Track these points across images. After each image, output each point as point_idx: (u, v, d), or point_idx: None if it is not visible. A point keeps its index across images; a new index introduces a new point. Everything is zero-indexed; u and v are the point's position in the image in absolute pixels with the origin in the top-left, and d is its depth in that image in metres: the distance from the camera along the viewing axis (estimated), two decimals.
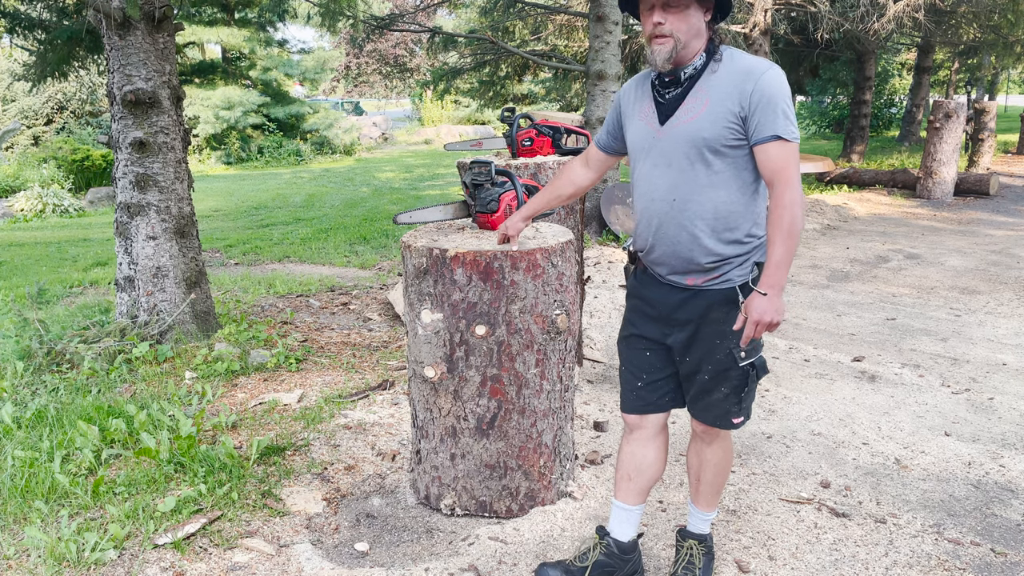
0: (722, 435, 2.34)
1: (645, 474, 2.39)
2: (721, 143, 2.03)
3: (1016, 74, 37.47)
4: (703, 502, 2.42)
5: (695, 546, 2.42)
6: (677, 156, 2.09)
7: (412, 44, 37.48)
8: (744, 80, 2.00)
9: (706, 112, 2.04)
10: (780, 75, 2.02)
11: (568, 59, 12.23)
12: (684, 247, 2.11)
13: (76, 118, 20.16)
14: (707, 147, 2.04)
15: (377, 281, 6.53)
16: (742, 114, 2.01)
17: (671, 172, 2.10)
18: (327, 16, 8.06)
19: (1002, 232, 8.76)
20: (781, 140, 1.99)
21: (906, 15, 10.89)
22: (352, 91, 46.07)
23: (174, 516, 2.73)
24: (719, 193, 2.07)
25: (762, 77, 1.99)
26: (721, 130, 2.02)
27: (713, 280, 2.13)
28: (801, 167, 3.69)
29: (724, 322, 2.14)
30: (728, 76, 2.03)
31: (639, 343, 2.31)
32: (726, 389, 2.20)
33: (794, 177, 2.00)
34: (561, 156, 3.91)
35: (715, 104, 2.03)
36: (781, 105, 1.99)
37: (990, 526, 2.79)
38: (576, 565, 2.41)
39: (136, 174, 4.49)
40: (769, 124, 1.99)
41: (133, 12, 4.13)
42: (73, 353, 4.32)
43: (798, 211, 1.99)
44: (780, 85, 2.00)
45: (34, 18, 6.29)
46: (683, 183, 2.09)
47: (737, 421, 2.26)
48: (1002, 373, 4.36)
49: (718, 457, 2.36)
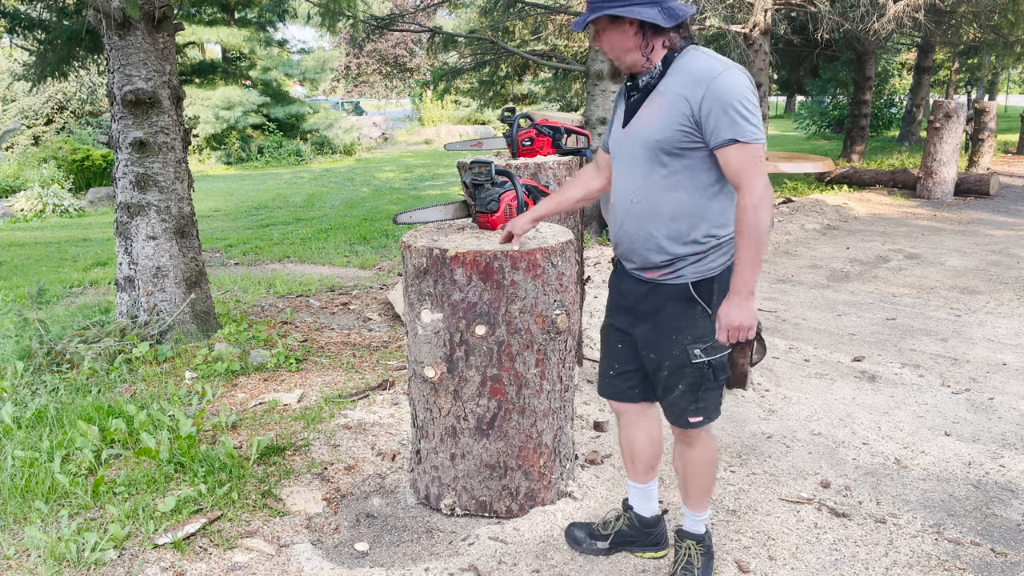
0: (700, 437, 2.34)
1: (641, 455, 2.51)
2: (674, 145, 2.07)
3: (1016, 74, 37.48)
4: (692, 503, 2.44)
5: (692, 546, 2.44)
6: (637, 158, 2.15)
7: (412, 44, 37.47)
8: (696, 84, 2.02)
9: (660, 115, 2.08)
10: (734, 77, 2.00)
11: (568, 59, 12.23)
12: (641, 244, 2.19)
13: (76, 118, 20.16)
14: (661, 149, 2.09)
15: (377, 281, 6.53)
16: (695, 118, 2.03)
17: (632, 173, 2.18)
18: (327, 16, 8.05)
19: (1002, 232, 8.76)
20: (738, 143, 2.00)
21: (906, 15, 10.89)
22: (352, 91, 46.07)
23: (174, 516, 2.73)
24: (675, 195, 2.11)
25: (713, 81, 1.99)
26: (674, 133, 2.06)
27: (667, 275, 2.19)
28: (801, 167, 3.70)
29: (679, 317, 2.19)
30: (682, 79, 2.06)
31: (613, 334, 2.40)
32: (683, 386, 2.25)
33: (754, 179, 2.00)
34: (561, 156, 3.90)
35: (669, 107, 2.06)
36: (736, 107, 1.98)
37: (990, 526, 2.79)
38: (600, 531, 2.60)
39: (136, 174, 4.49)
40: (724, 128, 1.99)
41: (133, 12, 4.13)
42: (73, 353, 4.32)
43: (761, 213, 2.00)
44: (732, 87, 1.99)
45: (34, 18, 6.28)
46: (642, 184, 2.15)
47: (694, 420, 2.28)
48: (1002, 373, 4.36)
49: (699, 459, 2.37)
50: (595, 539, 2.59)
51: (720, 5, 10.38)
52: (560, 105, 22.45)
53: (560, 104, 22.49)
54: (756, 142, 2.01)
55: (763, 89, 10.78)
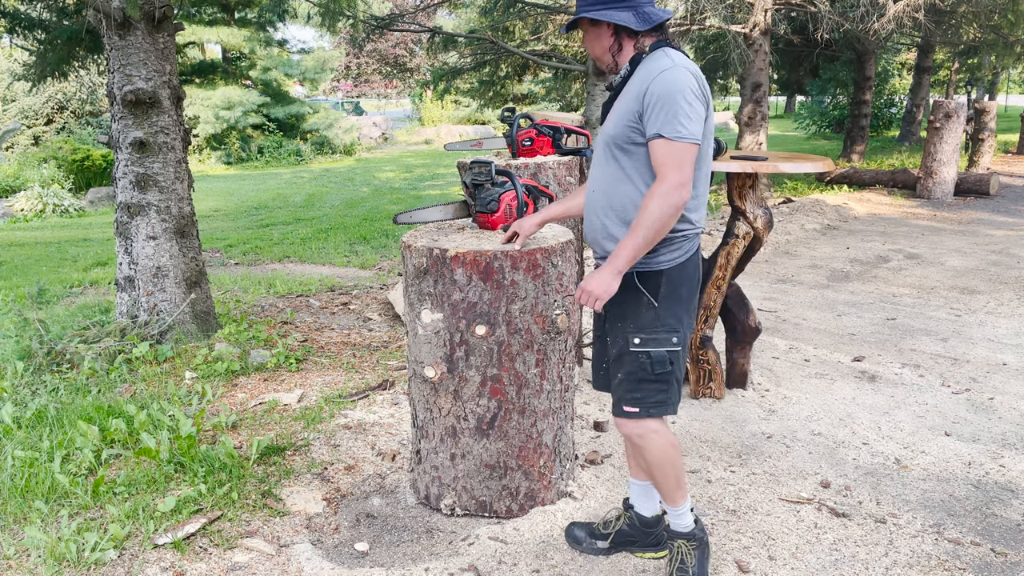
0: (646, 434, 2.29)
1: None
2: (624, 141, 2.20)
3: (1016, 74, 37.47)
4: (665, 499, 2.40)
5: (683, 544, 2.42)
6: (599, 152, 2.32)
7: (412, 44, 37.47)
8: (644, 81, 2.14)
9: (617, 113, 2.22)
10: (676, 75, 2.10)
11: (568, 59, 12.23)
12: (598, 233, 2.32)
13: (76, 118, 20.16)
14: (614, 144, 2.23)
15: (377, 281, 6.53)
16: (640, 112, 2.14)
17: (596, 167, 2.34)
18: (327, 16, 8.06)
19: (1002, 232, 8.76)
20: (663, 139, 2.09)
21: (906, 15, 10.89)
22: (352, 91, 46.05)
23: (174, 516, 2.73)
24: (626, 187, 2.23)
25: (656, 78, 2.10)
26: (623, 128, 2.19)
27: None
28: (801, 167, 3.69)
29: (625, 305, 2.28)
30: (638, 79, 2.18)
31: (597, 326, 2.49)
32: (621, 374, 2.31)
33: (669, 174, 2.08)
34: (561, 156, 3.90)
35: (624, 105, 2.20)
36: (670, 105, 2.07)
37: (990, 526, 2.79)
38: (600, 530, 2.61)
39: (136, 174, 4.49)
40: (654, 123, 2.10)
41: (133, 12, 4.13)
42: (73, 353, 4.32)
43: (660, 203, 2.08)
44: (671, 84, 2.08)
45: (34, 18, 6.28)
46: (600, 177, 2.30)
47: (629, 410, 2.28)
48: (1002, 373, 4.36)
49: (650, 456, 2.32)
50: (595, 538, 2.60)
51: (720, 5, 10.38)
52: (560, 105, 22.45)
53: (560, 104, 22.50)
54: (680, 140, 2.08)
55: (763, 89, 10.78)
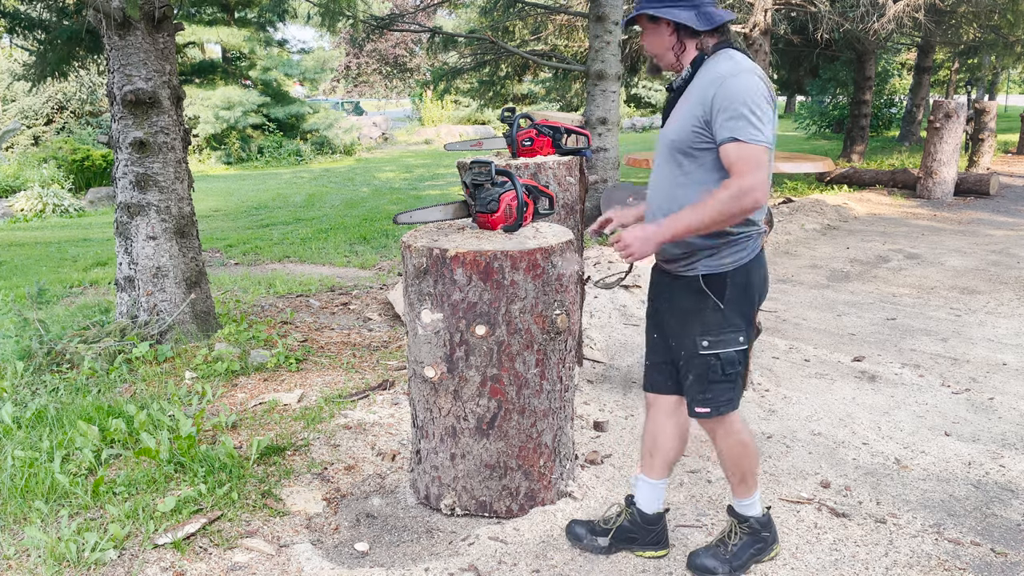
0: (718, 430, 2.41)
1: (662, 449, 2.54)
2: (689, 145, 2.20)
3: (1016, 74, 37.46)
4: (734, 491, 2.52)
5: (734, 524, 2.52)
6: (662, 156, 2.31)
7: (412, 44, 37.46)
8: (709, 86, 2.14)
9: (680, 116, 2.21)
10: (745, 80, 2.10)
11: (568, 59, 12.23)
12: None
13: (76, 118, 20.17)
14: (677, 149, 2.23)
15: (377, 281, 6.53)
16: (705, 118, 2.14)
17: (659, 171, 2.33)
18: (327, 16, 8.06)
19: (1002, 232, 8.76)
20: (737, 142, 2.09)
21: (906, 15, 10.89)
22: (352, 91, 46.04)
23: (174, 516, 2.73)
24: (689, 191, 2.22)
25: (724, 83, 2.11)
26: (688, 134, 2.19)
27: (683, 267, 2.30)
28: (801, 167, 3.69)
29: (691, 308, 2.30)
30: (701, 83, 2.18)
31: (649, 323, 2.52)
32: (692, 376, 2.35)
33: (746, 172, 2.08)
34: (561, 156, 3.90)
35: (688, 109, 2.19)
36: (740, 109, 2.08)
37: (990, 526, 2.79)
38: (601, 527, 2.61)
39: (136, 174, 4.49)
40: (726, 127, 2.10)
41: (133, 12, 4.13)
42: (73, 353, 4.32)
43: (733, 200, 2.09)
44: (740, 90, 2.09)
45: (34, 18, 6.29)
46: (663, 180, 2.31)
47: (700, 411, 2.36)
48: (1002, 373, 4.36)
49: (723, 449, 2.44)
50: (596, 535, 2.61)
51: (720, 5, 10.38)
52: (560, 105, 22.47)
53: (560, 104, 22.51)
54: (755, 143, 2.08)
55: None
